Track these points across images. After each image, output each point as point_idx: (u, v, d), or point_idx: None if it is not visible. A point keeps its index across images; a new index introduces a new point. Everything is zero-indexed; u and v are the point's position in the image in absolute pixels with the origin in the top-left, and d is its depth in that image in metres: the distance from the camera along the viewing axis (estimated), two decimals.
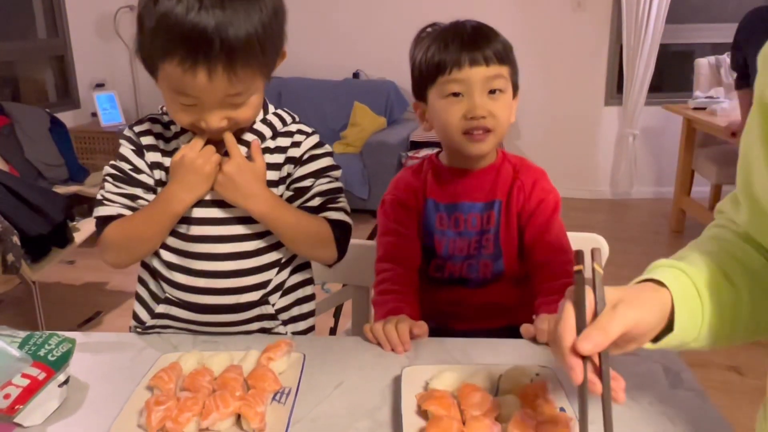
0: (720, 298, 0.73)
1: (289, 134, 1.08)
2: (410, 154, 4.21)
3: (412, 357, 0.98)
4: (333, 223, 1.06)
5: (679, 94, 4.33)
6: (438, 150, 1.29)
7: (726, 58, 3.86)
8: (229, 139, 0.99)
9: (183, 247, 1.04)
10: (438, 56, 1.14)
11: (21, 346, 0.92)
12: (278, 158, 1.07)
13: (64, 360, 0.93)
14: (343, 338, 1.13)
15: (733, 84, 3.32)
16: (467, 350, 0.99)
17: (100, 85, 4.80)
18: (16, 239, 2.41)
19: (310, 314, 1.16)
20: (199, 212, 1.03)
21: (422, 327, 1.02)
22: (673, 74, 4.73)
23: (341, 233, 1.07)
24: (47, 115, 3.87)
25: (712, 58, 3.94)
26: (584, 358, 0.65)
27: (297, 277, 1.13)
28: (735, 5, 3.54)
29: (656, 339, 0.73)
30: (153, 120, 1.08)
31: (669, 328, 0.72)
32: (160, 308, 1.08)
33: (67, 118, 4.23)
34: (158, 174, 1.05)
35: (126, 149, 1.06)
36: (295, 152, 1.07)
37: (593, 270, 0.71)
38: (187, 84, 0.90)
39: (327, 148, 1.11)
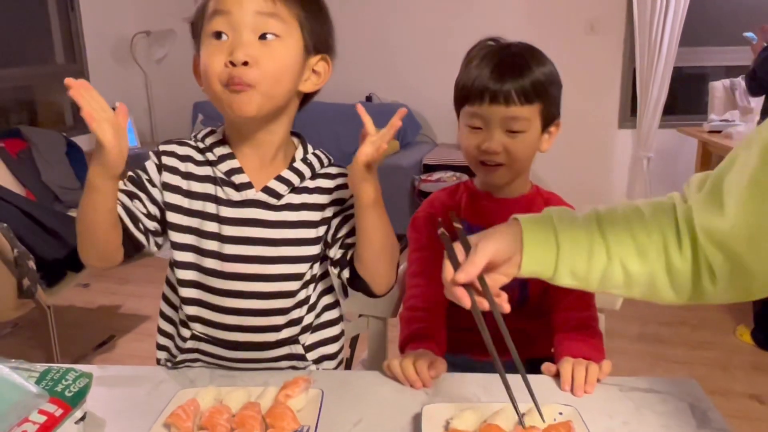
0: (583, 247, 0.89)
1: (330, 176, 1.07)
2: (423, 177, 4.20)
3: (432, 394, 0.97)
4: None
5: (693, 116, 4.31)
6: (472, 177, 1.29)
7: (740, 81, 3.84)
8: (363, 114, 0.95)
9: (212, 283, 1.02)
10: (467, 84, 1.15)
11: (38, 381, 0.91)
12: (321, 199, 1.05)
13: (81, 396, 0.92)
14: (361, 372, 1.12)
15: (749, 97, 3.31)
16: (488, 386, 0.98)
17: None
18: (32, 264, 2.42)
19: (339, 353, 1.13)
20: (230, 249, 1.01)
21: (439, 368, 1.00)
22: (686, 97, 4.71)
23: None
24: (64, 138, 3.91)
25: (726, 81, 3.92)
26: (468, 288, 0.86)
27: (327, 316, 1.11)
28: (748, 29, 3.53)
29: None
30: (183, 143, 1.06)
31: None
32: (189, 344, 1.06)
33: (83, 141, 4.27)
34: (169, 196, 1.03)
35: (150, 162, 1.04)
36: (343, 194, 1.05)
37: (457, 229, 0.96)
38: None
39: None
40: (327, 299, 1.11)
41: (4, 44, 4.25)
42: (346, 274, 1.04)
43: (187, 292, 1.04)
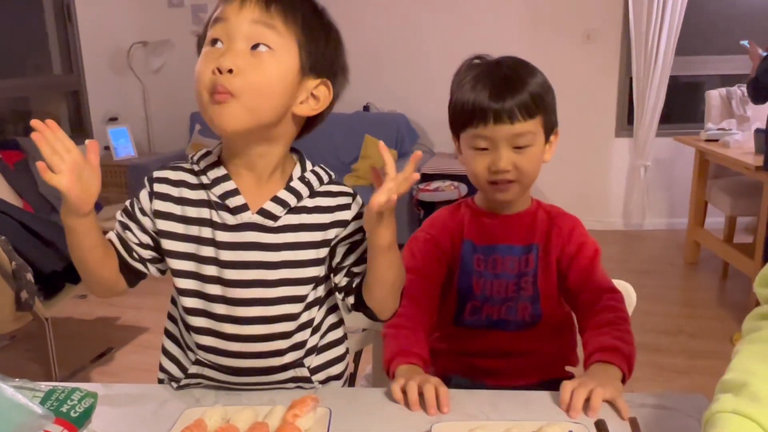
0: None
1: (331, 194, 1.03)
2: (421, 186, 4.21)
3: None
4: None
5: (690, 125, 4.33)
6: (471, 195, 1.29)
7: (737, 90, 3.86)
8: (384, 152, 0.93)
9: (216, 310, 1.00)
10: (467, 106, 1.14)
11: (43, 402, 0.91)
12: (322, 218, 1.01)
13: (86, 416, 0.92)
14: (369, 390, 1.11)
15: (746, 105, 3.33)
16: (497, 404, 0.97)
17: (113, 119, 4.85)
18: (30, 276, 2.40)
19: (344, 373, 1.12)
20: (229, 274, 0.99)
21: (444, 392, 0.98)
22: (682, 106, 4.73)
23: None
24: None
25: (723, 90, 3.94)
26: None
27: (331, 336, 1.09)
28: (743, 37, 3.55)
29: None
30: (177, 168, 1.03)
31: None
32: (193, 369, 1.04)
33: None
34: (162, 224, 1.00)
35: (143, 191, 1.03)
36: (345, 215, 1.02)
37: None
38: (222, 7, 0.92)
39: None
40: (331, 319, 1.09)
41: (2, 55, 4.24)
42: (351, 300, 1.04)
43: (194, 321, 1.01)
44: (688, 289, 3.66)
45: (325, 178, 1.05)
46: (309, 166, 1.04)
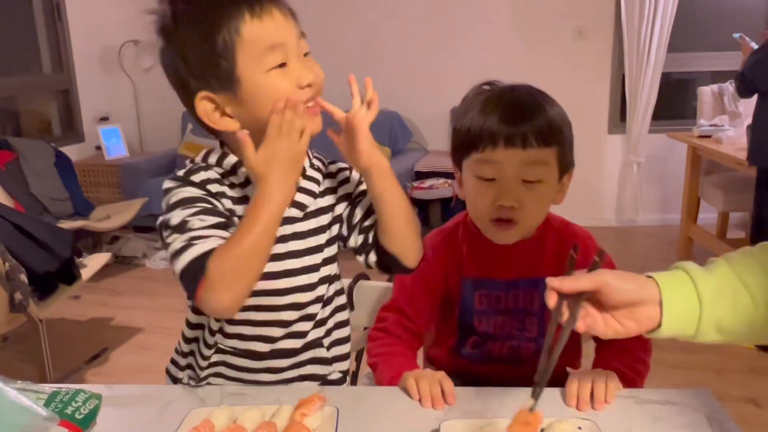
0: (729, 301, 0.82)
1: (332, 175, 1.06)
2: (416, 184, 4.20)
3: (448, 409, 0.96)
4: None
5: (682, 121, 4.35)
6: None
7: (729, 86, 3.89)
8: (325, 104, 0.95)
9: (251, 302, 0.98)
10: (475, 128, 1.03)
11: (47, 404, 0.89)
12: (329, 200, 1.04)
13: (91, 418, 0.91)
14: (375, 388, 1.10)
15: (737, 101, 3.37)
16: (504, 401, 0.96)
17: (104, 119, 4.81)
18: (23, 277, 2.38)
19: (349, 355, 1.13)
20: (275, 266, 0.98)
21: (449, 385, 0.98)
22: (674, 102, 4.76)
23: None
24: (52, 149, 3.86)
25: (715, 87, 3.96)
26: (561, 297, 0.83)
27: (339, 317, 1.09)
28: (734, 34, 3.57)
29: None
30: (198, 170, 0.98)
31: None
32: (214, 358, 1.04)
33: (71, 152, 4.23)
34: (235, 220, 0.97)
35: (195, 191, 0.95)
36: (347, 189, 1.05)
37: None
38: (269, 29, 0.89)
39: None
40: (340, 300, 1.10)
41: None
42: (372, 257, 1.02)
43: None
44: None
45: (326, 161, 1.07)
46: (310, 152, 1.05)
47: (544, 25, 4.49)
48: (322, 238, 1.03)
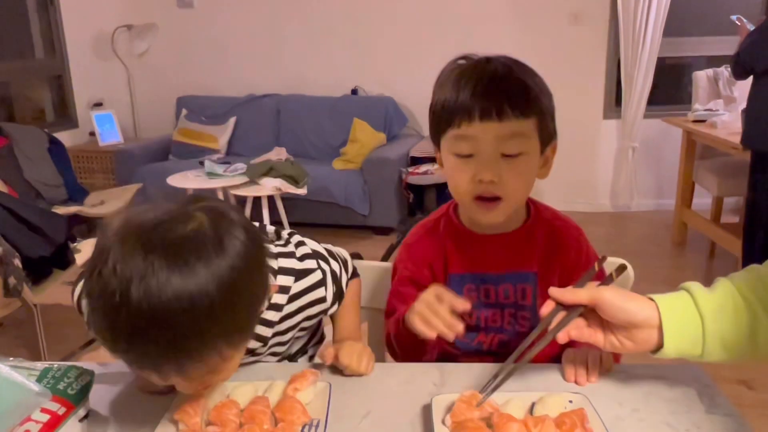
0: (731, 316, 0.84)
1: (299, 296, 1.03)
2: (411, 169, 4.20)
3: (440, 384, 0.96)
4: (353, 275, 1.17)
5: (677, 106, 4.35)
6: (453, 202, 1.13)
7: (724, 71, 3.88)
8: None
9: None
10: (449, 103, 0.98)
11: (39, 380, 0.89)
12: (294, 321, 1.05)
13: (83, 393, 0.91)
14: None
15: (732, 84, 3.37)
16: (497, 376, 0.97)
17: (98, 105, 4.79)
18: (17, 262, 2.38)
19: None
20: None
21: (465, 304, 0.93)
22: (670, 87, 4.75)
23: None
24: (46, 135, 3.85)
25: (710, 71, 3.96)
26: (558, 306, 0.87)
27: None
28: (729, 19, 3.56)
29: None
30: None
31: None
32: None
33: (65, 137, 4.20)
34: None
35: None
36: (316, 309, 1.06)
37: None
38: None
39: (320, 271, 1.04)
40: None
41: None
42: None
43: None
44: (675, 268, 3.69)
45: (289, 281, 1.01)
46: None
47: (539, 10, 4.47)
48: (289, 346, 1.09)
